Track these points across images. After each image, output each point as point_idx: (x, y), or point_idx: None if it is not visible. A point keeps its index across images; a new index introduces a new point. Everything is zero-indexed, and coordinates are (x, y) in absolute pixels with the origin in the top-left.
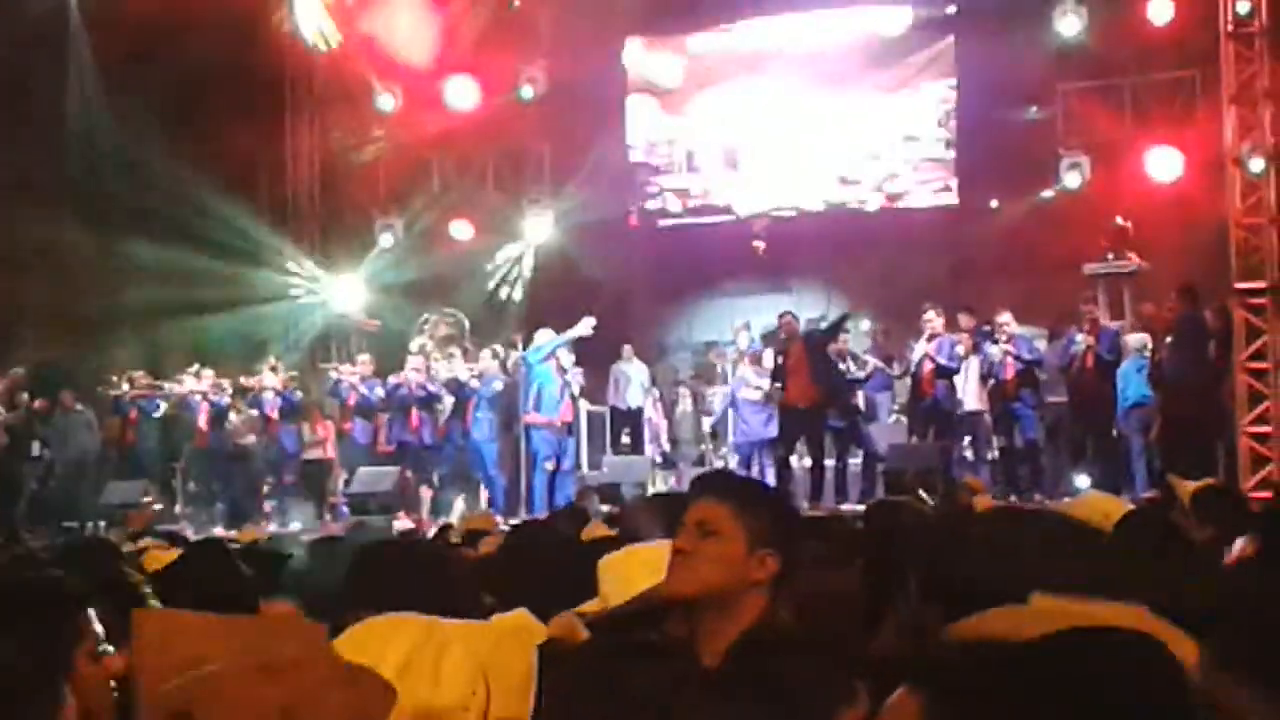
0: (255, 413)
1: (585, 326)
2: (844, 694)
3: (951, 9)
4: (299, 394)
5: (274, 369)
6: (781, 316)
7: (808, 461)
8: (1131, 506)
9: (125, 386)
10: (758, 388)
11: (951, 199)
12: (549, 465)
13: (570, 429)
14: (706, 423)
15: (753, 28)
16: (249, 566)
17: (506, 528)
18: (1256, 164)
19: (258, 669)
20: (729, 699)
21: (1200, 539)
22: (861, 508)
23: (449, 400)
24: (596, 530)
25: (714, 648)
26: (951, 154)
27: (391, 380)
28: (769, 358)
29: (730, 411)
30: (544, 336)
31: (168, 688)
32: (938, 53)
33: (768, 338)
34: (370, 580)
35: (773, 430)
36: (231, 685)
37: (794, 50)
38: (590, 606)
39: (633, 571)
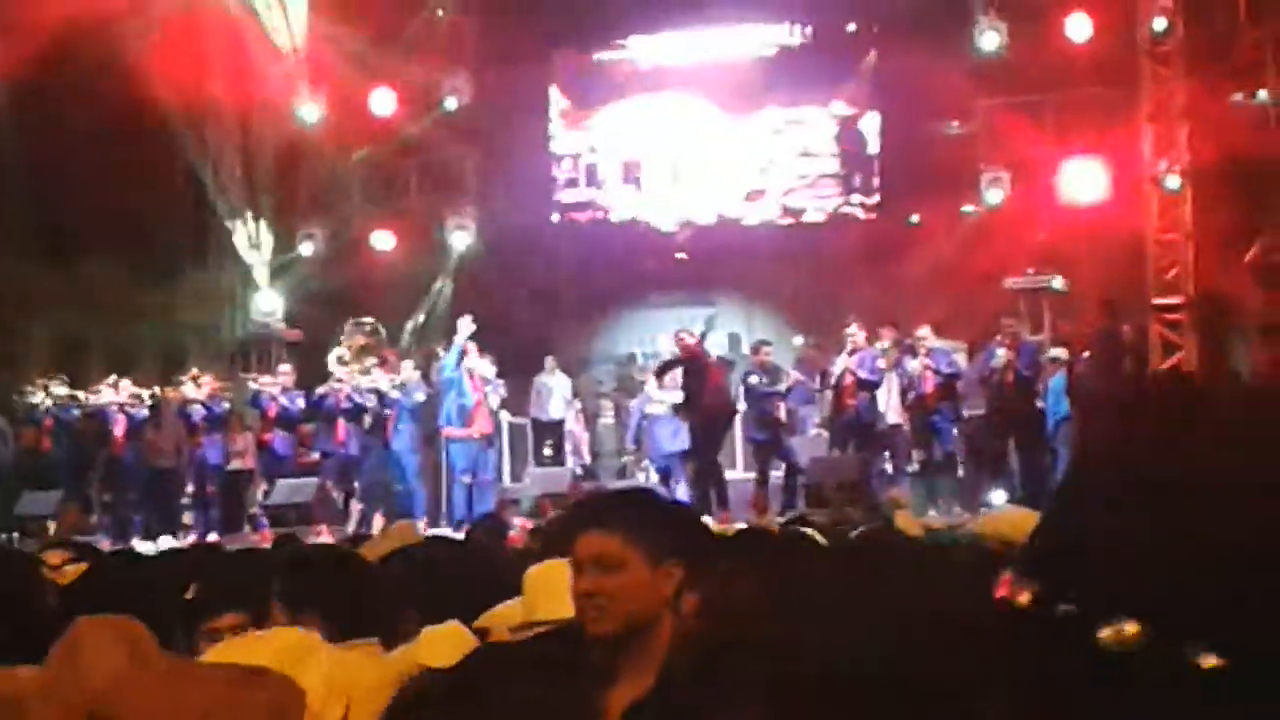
0: (181, 423)
1: (465, 325)
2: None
3: (851, 27)
4: (224, 405)
5: (196, 379)
6: (676, 334)
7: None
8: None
9: (41, 396)
10: (661, 401)
11: (853, 212)
12: (465, 479)
13: (490, 441)
14: (628, 441)
15: (651, 43)
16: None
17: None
18: (1173, 181)
19: (173, 673)
20: None
21: None
22: (781, 520)
23: (372, 409)
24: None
25: (640, 670)
26: (841, 170)
27: (319, 390)
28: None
29: (645, 426)
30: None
31: (87, 689)
32: (842, 69)
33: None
34: (296, 590)
35: (681, 443)
36: (150, 689)
37: (693, 66)
38: (514, 614)
39: (561, 584)
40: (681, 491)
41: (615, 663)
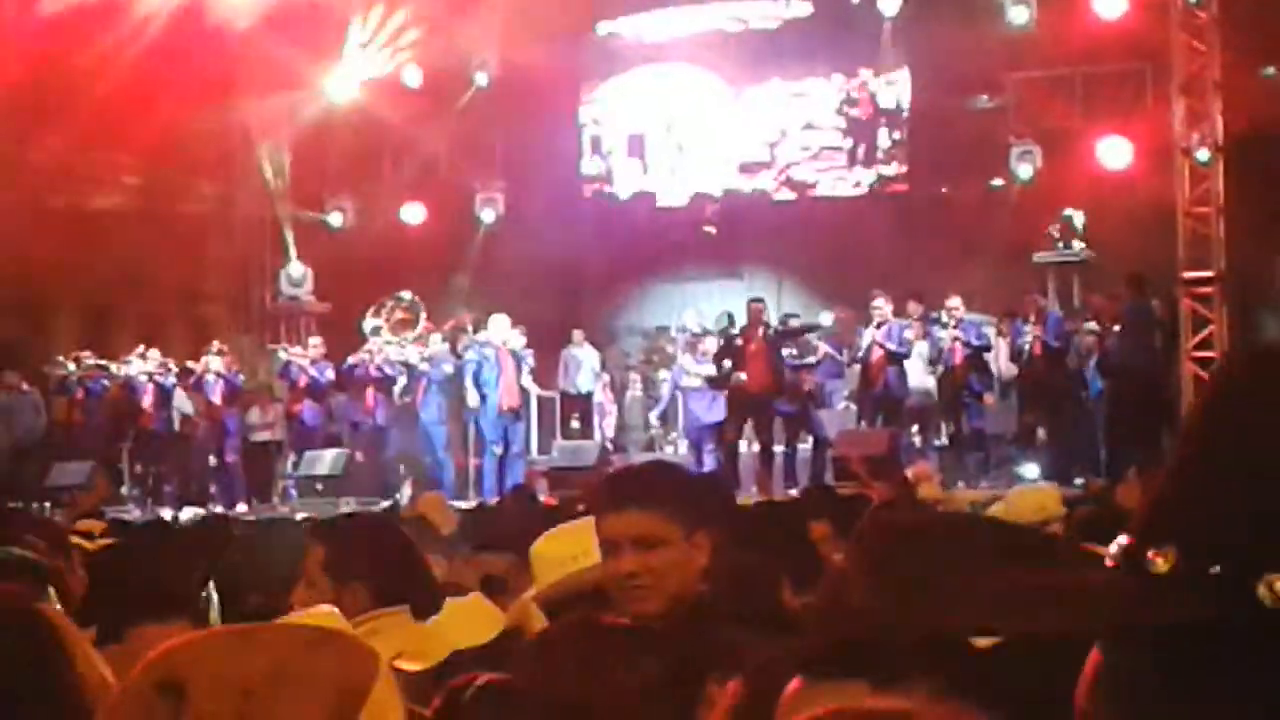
0: (200, 395)
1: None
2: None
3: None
4: (241, 376)
5: (220, 352)
6: (751, 303)
7: (756, 447)
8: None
9: (71, 367)
10: (697, 374)
11: (858, 190)
12: (497, 449)
13: (518, 414)
14: (653, 415)
15: (656, 18)
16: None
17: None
18: (1204, 154)
19: (237, 635)
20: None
21: None
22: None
23: (401, 382)
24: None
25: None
26: (849, 142)
27: (349, 360)
28: (710, 344)
29: (678, 397)
30: (498, 323)
31: (152, 657)
32: (854, 42)
33: (726, 329)
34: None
35: (716, 415)
36: (207, 652)
37: (698, 38)
38: (530, 594)
39: (563, 553)
40: (711, 465)
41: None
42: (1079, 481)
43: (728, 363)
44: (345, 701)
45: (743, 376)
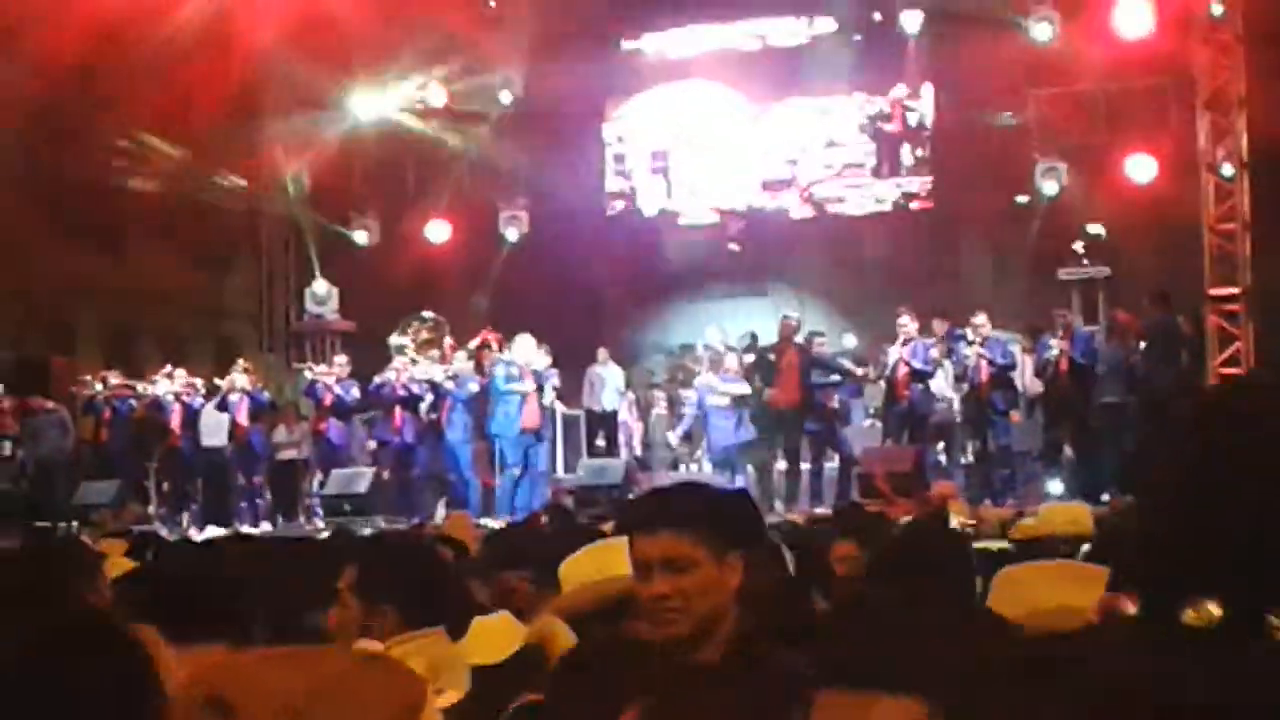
0: (223, 414)
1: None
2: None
3: (876, 16)
4: (266, 394)
5: (246, 370)
6: (783, 319)
7: (783, 464)
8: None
9: (99, 387)
10: (725, 393)
11: (881, 207)
12: (515, 471)
13: (539, 434)
14: (673, 437)
15: (678, 35)
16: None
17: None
18: (1229, 170)
19: (279, 656)
20: (733, 690)
21: None
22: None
23: (428, 400)
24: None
25: (707, 645)
26: (872, 159)
27: (376, 380)
28: (731, 361)
29: (700, 416)
30: (523, 343)
31: (200, 675)
32: (877, 60)
33: (751, 347)
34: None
35: (744, 434)
36: (255, 671)
37: (719, 56)
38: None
39: (593, 572)
40: (740, 484)
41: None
42: (1105, 498)
43: (758, 380)
44: None
45: (766, 389)
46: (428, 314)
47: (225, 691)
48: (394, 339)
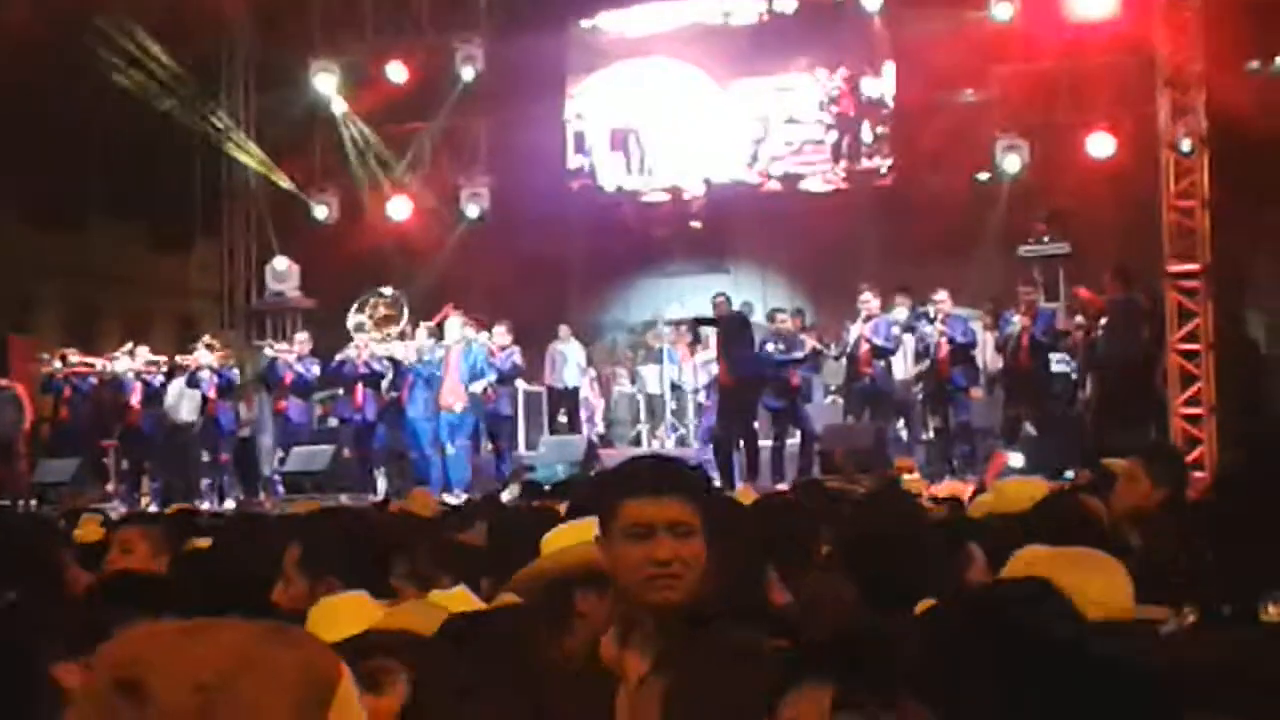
0: (193, 391)
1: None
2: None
3: None
4: (235, 371)
5: (210, 346)
6: (714, 298)
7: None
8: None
9: (58, 364)
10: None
11: (843, 184)
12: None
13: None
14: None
15: (638, 12)
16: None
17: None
18: (1187, 146)
19: (179, 631)
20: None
21: (1155, 500)
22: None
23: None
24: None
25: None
26: (832, 136)
27: (337, 357)
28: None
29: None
30: (453, 324)
31: (109, 655)
32: (836, 35)
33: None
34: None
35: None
36: (162, 648)
37: (680, 32)
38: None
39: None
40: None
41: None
42: (1069, 474)
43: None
44: (311, 696)
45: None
46: (386, 290)
47: (133, 672)
48: (352, 318)
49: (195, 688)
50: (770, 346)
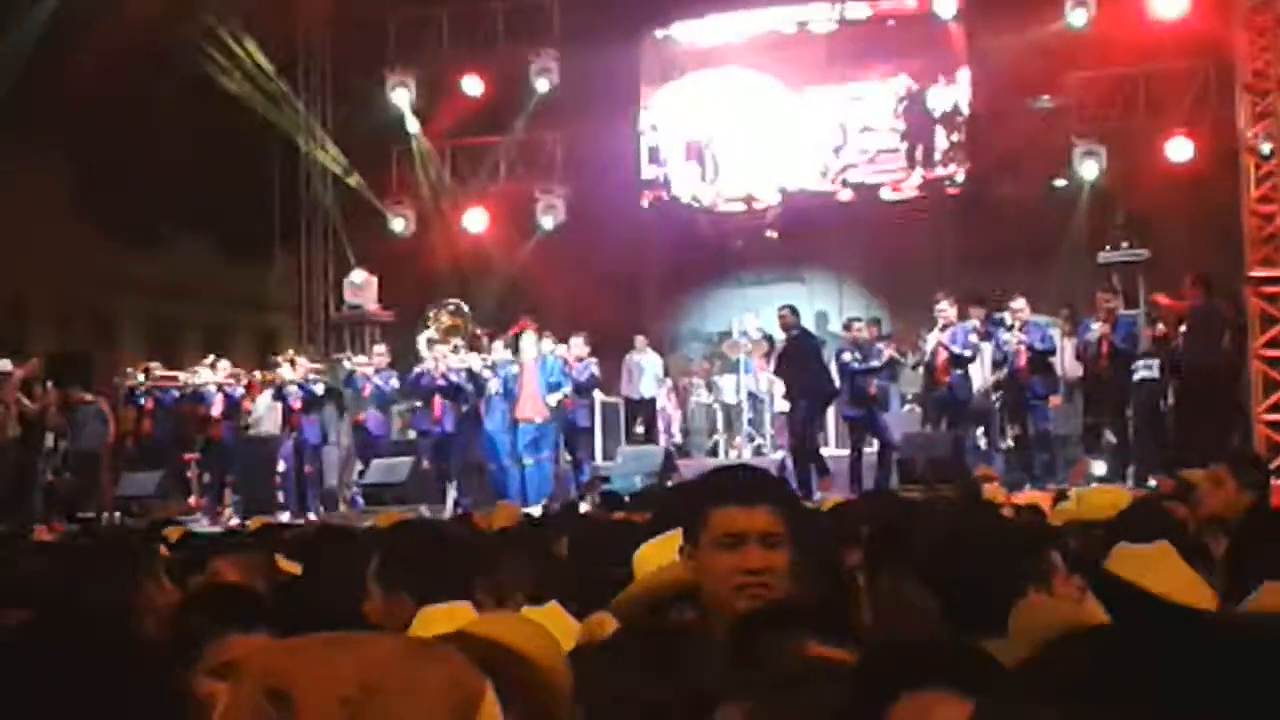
0: (279, 405)
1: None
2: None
3: (912, 1)
4: (320, 385)
5: (292, 362)
6: (779, 310)
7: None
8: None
9: (141, 378)
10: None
11: (918, 192)
12: (507, 461)
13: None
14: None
15: (712, 22)
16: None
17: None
18: (1268, 149)
19: (324, 643)
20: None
21: (1241, 506)
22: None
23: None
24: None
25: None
26: (906, 144)
27: (416, 370)
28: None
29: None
30: (528, 341)
31: (257, 665)
32: (911, 43)
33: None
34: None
35: None
36: (310, 660)
37: (755, 42)
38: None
39: (662, 559)
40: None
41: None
42: (1152, 483)
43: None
44: (455, 712)
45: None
46: (449, 301)
47: (283, 682)
48: (421, 335)
49: (341, 701)
50: (847, 356)
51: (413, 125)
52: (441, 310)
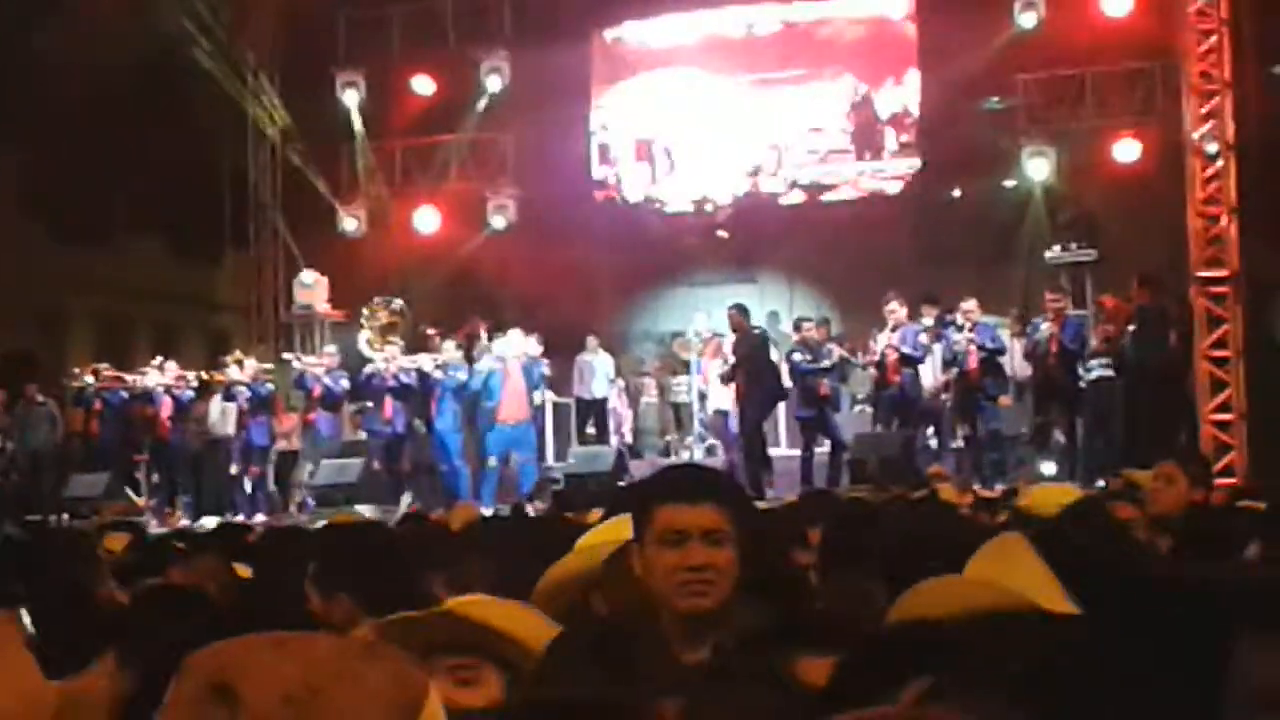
0: (231, 405)
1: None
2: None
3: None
4: (268, 386)
5: (239, 362)
6: (729, 310)
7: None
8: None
9: (89, 379)
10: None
11: (867, 192)
12: (491, 462)
13: (525, 425)
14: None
15: (661, 23)
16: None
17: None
18: (1213, 147)
19: (269, 641)
20: (732, 691)
21: (1188, 502)
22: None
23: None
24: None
25: (695, 642)
26: (857, 144)
27: (366, 370)
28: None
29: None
30: (513, 337)
31: (200, 661)
32: (862, 44)
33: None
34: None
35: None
36: (256, 658)
37: (704, 43)
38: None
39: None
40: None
41: (644, 624)
42: (1101, 484)
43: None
44: (398, 712)
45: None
46: (386, 298)
47: (228, 678)
48: (361, 336)
49: (285, 699)
50: (797, 356)
51: (362, 125)
52: (380, 308)
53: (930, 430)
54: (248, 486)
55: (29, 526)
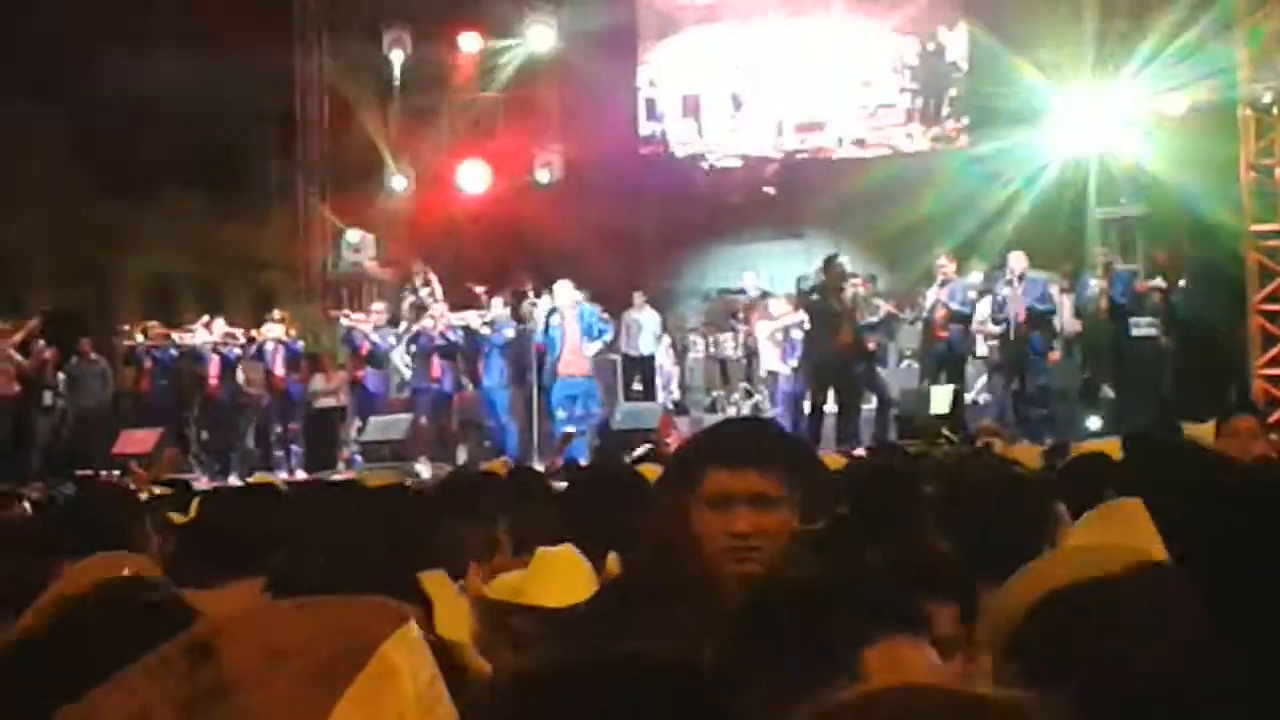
0: (260, 365)
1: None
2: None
3: None
4: (301, 343)
5: (280, 320)
6: (834, 263)
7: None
8: None
9: (139, 336)
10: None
11: (918, 147)
12: (560, 414)
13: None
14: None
15: None
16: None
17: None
18: (1268, 96)
19: (275, 605)
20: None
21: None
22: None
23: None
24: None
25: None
26: (906, 99)
27: (413, 327)
28: (778, 306)
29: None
30: (563, 288)
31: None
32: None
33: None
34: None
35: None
36: (242, 616)
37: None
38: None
39: (572, 573)
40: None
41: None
42: None
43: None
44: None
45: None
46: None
47: (207, 635)
48: (405, 302)
49: (263, 652)
50: None
51: (408, 81)
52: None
53: (978, 385)
54: (288, 444)
55: (79, 482)
